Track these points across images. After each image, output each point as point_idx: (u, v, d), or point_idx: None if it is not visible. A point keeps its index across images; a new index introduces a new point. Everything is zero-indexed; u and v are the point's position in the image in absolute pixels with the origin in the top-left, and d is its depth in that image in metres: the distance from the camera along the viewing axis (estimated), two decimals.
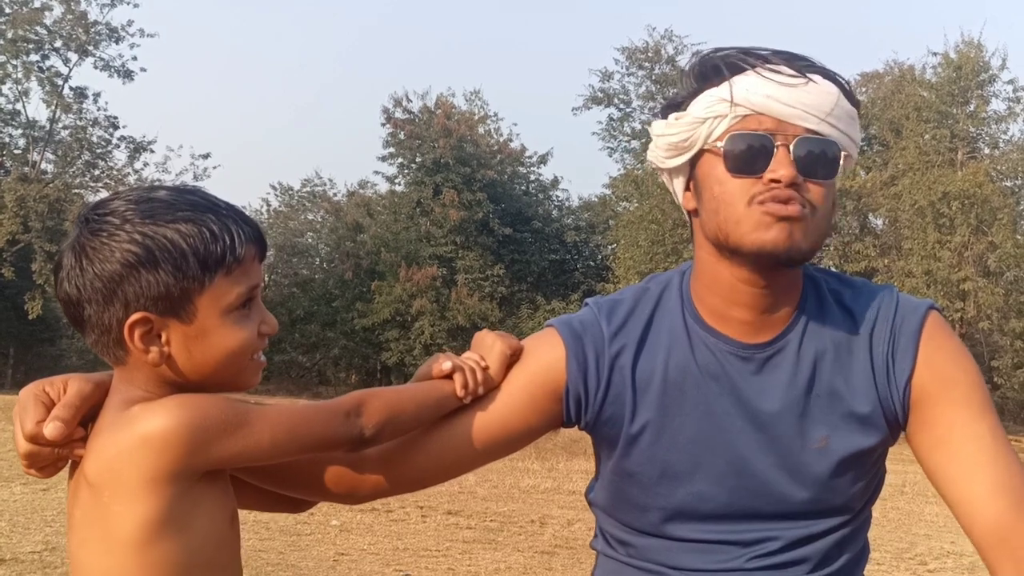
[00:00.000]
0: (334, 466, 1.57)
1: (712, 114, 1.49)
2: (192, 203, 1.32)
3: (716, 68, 1.52)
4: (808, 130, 1.47)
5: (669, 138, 1.55)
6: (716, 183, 1.49)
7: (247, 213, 1.40)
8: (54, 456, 1.36)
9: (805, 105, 1.47)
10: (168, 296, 1.29)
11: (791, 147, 1.46)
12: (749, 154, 1.46)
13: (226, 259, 1.31)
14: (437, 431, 1.58)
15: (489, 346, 1.60)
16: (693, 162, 1.55)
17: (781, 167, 1.45)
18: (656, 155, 1.59)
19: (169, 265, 1.28)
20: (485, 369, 1.58)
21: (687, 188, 1.58)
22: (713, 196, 1.50)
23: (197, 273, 1.30)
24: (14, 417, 1.37)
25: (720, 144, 1.48)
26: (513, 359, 1.60)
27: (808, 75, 1.48)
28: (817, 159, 1.47)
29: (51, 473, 1.39)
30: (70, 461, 1.38)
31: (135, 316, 1.29)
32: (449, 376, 1.55)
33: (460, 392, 1.55)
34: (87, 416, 1.36)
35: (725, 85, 1.49)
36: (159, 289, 1.29)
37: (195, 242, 1.29)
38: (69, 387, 1.37)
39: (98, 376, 1.40)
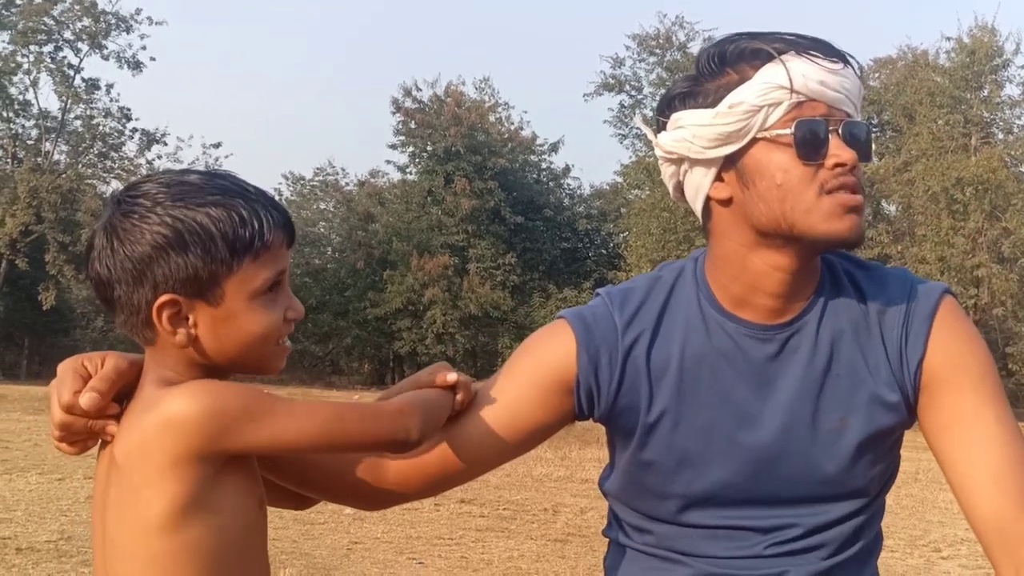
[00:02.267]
0: (353, 472, 1.57)
1: (768, 101, 1.47)
2: (222, 187, 1.34)
3: (765, 54, 1.49)
4: (847, 114, 1.49)
5: (719, 128, 1.50)
6: (779, 171, 1.47)
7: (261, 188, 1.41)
8: (87, 430, 1.37)
9: (846, 90, 1.48)
10: (196, 279, 1.31)
11: (839, 131, 1.47)
12: (813, 140, 1.46)
13: (254, 244, 1.32)
14: (448, 435, 1.57)
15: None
16: (739, 151, 1.51)
17: (842, 151, 1.45)
18: (692, 146, 1.53)
19: (198, 248, 1.30)
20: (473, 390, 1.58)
21: (718, 178, 1.54)
22: (776, 184, 1.47)
23: (225, 257, 1.31)
24: (51, 390, 1.39)
25: (780, 131, 1.47)
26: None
27: (844, 60, 1.49)
28: (861, 142, 1.49)
29: (81, 450, 1.41)
30: (99, 442, 1.39)
31: (164, 298, 1.30)
32: (451, 387, 1.54)
33: (458, 408, 1.55)
34: (122, 393, 1.38)
35: (781, 71, 1.46)
36: (188, 272, 1.30)
37: (224, 226, 1.31)
38: (107, 362, 1.39)
39: (134, 356, 1.42)
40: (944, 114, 30.38)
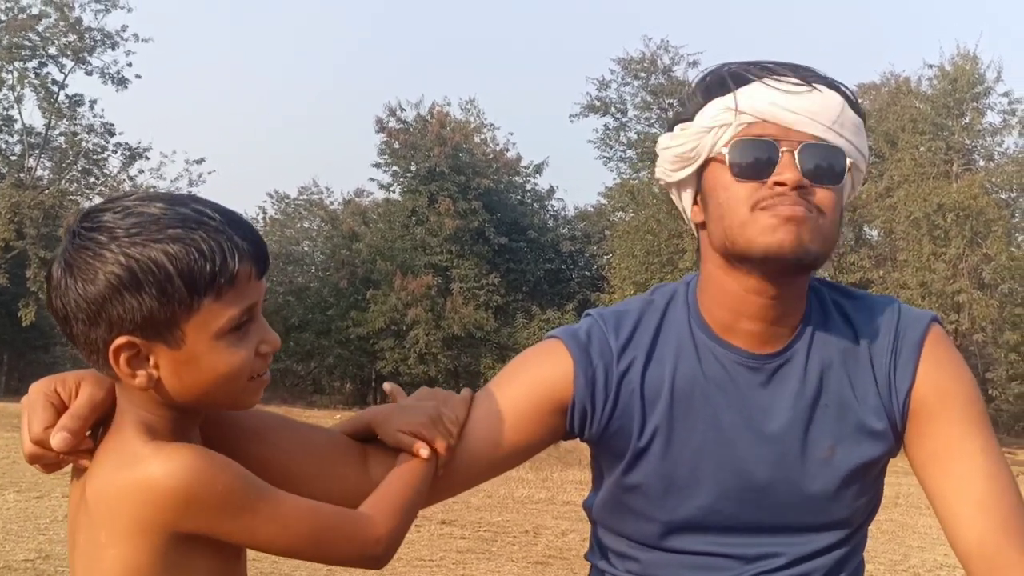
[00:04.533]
0: (341, 493, 1.53)
1: (717, 123, 1.49)
2: (183, 217, 1.24)
3: (722, 80, 1.52)
4: (814, 136, 1.47)
5: (675, 149, 1.54)
6: (721, 190, 1.49)
7: (232, 210, 1.31)
8: (59, 460, 1.31)
9: (810, 112, 1.47)
10: (153, 320, 1.23)
11: (796, 153, 1.46)
12: (755, 160, 1.46)
13: (216, 281, 1.23)
14: None
15: (458, 404, 1.58)
16: (700, 173, 1.54)
17: (786, 171, 1.45)
18: (663, 169, 1.59)
19: (154, 288, 1.21)
20: (456, 441, 1.53)
21: (695, 201, 1.58)
22: (719, 203, 1.50)
23: (184, 297, 1.22)
24: (23, 411, 1.33)
25: (725, 151, 1.48)
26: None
27: (813, 84, 1.49)
28: (823, 165, 1.47)
29: (54, 470, 1.35)
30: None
31: (120, 340, 1.23)
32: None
33: (440, 470, 1.51)
34: (97, 422, 1.32)
35: (730, 94, 1.49)
36: (143, 313, 1.22)
37: (181, 264, 1.22)
38: (81, 391, 1.32)
39: (111, 379, 1.34)
40: (926, 140, 30.60)
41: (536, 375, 1.60)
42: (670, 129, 1.59)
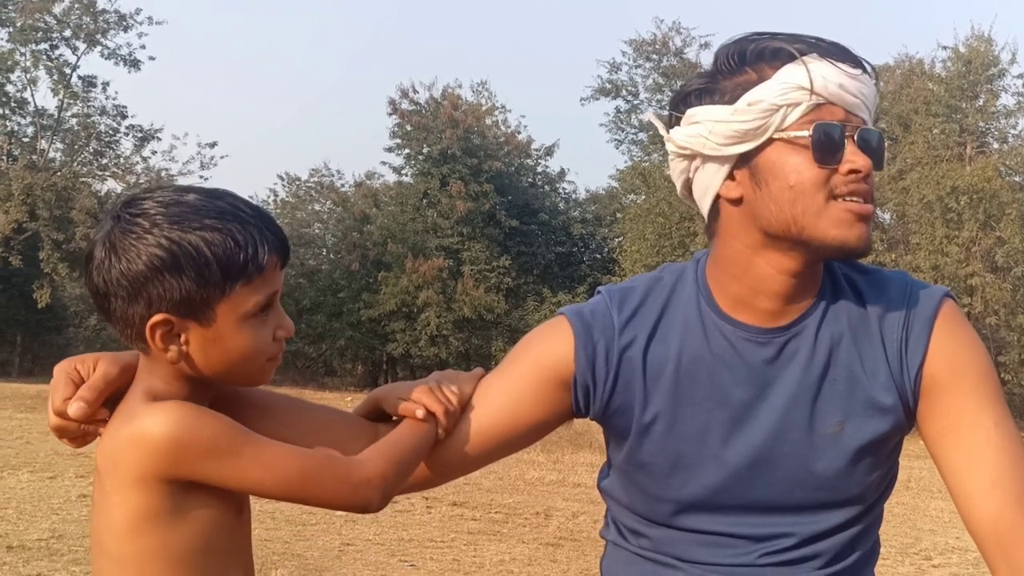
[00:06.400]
0: None
1: (787, 101, 1.46)
2: (220, 210, 1.36)
3: (782, 52, 1.48)
4: (864, 121, 1.49)
5: (736, 125, 1.48)
6: (793, 172, 1.46)
7: (258, 204, 1.43)
8: (80, 431, 1.44)
9: (864, 96, 1.48)
10: (189, 300, 1.34)
11: (855, 137, 1.46)
12: (830, 144, 1.45)
13: (248, 269, 1.36)
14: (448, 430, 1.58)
15: (464, 379, 1.63)
16: (754, 150, 1.50)
17: (857, 157, 1.45)
18: (707, 142, 1.51)
19: (192, 271, 1.33)
20: (456, 409, 1.59)
21: (730, 176, 1.53)
22: (788, 186, 1.47)
23: (219, 280, 1.34)
24: (50, 390, 1.46)
25: (797, 133, 1.46)
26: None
27: (864, 67, 1.49)
28: (875, 149, 1.48)
29: (83, 444, 1.47)
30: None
31: (157, 317, 1.35)
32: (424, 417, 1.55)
33: (442, 434, 1.57)
34: (113, 397, 1.43)
35: (802, 70, 1.46)
36: (181, 293, 1.34)
37: (219, 250, 1.34)
38: (98, 367, 1.45)
39: (127, 358, 1.47)
40: (939, 123, 30.41)
41: (540, 352, 1.61)
42: (699, 101, 1.53)
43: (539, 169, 40.69)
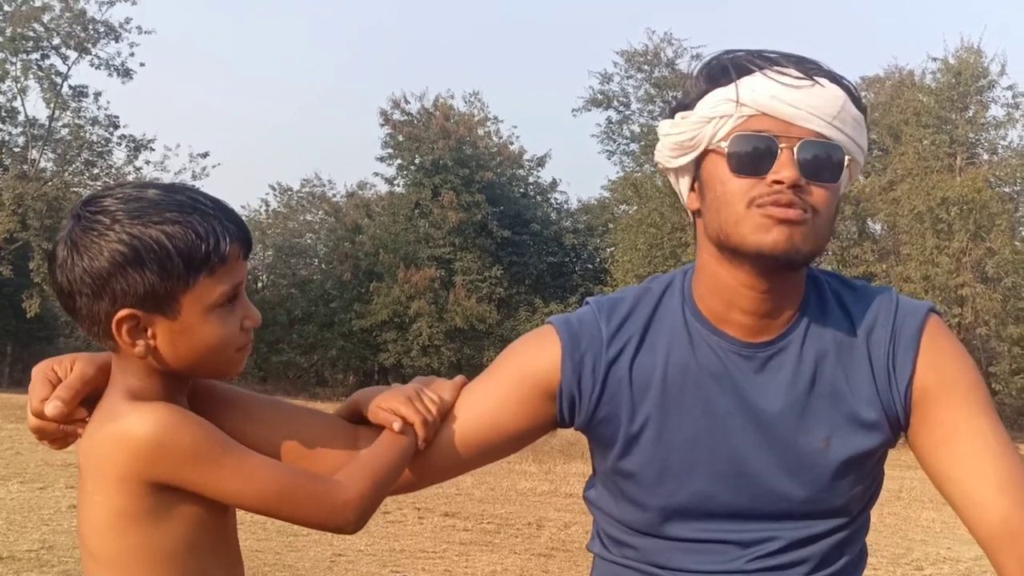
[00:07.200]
0: (331, 470, 1.56)
1: (717, 113, 1.49)
2: (179, 203, 1.37)
3: (724, 69, 1.52)
4: (814, 133, 1.47)
5: (675, 137, 1.54)
6: (719, 183, 1.49)
7: (243, 213, 1.44)
8: (60, 432, 1.44)
9: (811, 107, 1.47)
10: (154, 294, 1.35)
11: (795, 149, 1.46)
12: (753, 155, 1.46)
13: (210, 259, 1.36)
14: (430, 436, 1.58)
15: (445, 387, 1.62)
16: (699, 162, 1.55)
17: (784, 169, 1.45)
18: (663, 155, 1.59)
19: (155, 265, 1.34)
20: (435, 418, 1.58)
21: (692, 188, 1.58)
22: (715, 196, 1.50)
23: (182, 273, 1.35)
24: (28, 392, 1.46)
25: (724, 144, 1.48)
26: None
27: (815, 78, 1.48)
28: (821, 162, 1.47)
29: (64, 445, 1.47)
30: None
31: (122, 312, 1.36)
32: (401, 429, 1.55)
33: (421, 445, 1.56)
34: (90, 396, 1.44)
35: (732, 85, 1.49)
36: (145, 287, 1.34)
37: (180, 243, 1.34)
38: (75, 368, 1.45)
39: (104, 358, 1.47)
40: (930, 134, 30.50)
41: (526, 360, 1.62)
42: (671, 115, 1.58)
43: (531, 179, 40.77)
